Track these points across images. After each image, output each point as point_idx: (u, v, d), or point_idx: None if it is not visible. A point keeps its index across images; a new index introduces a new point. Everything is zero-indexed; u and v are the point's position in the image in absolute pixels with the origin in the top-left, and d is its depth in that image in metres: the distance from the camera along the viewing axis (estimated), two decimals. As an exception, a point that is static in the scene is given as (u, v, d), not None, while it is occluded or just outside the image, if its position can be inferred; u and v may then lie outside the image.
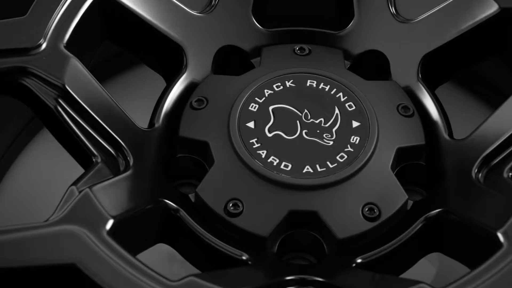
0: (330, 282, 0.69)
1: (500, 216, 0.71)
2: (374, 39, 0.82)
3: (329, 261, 0.74)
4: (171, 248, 0.76)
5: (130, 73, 1.02)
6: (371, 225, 0.73)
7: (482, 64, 0.84)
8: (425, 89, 0.80)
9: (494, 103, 0.94)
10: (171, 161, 0.77)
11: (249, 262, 0.71)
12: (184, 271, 0.70)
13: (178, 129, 0.77)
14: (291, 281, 0.68)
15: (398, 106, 0.79)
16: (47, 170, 0.98)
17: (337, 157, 0.75)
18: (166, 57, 0.81)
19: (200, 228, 0.72)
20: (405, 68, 0.81)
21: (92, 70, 0.81)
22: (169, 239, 0.75)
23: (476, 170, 0.75)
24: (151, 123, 0.78)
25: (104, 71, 1.00)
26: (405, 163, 0.77)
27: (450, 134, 0.79)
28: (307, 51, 0.82)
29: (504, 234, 0.69)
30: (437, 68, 0.82)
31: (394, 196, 0.74)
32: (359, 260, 0.71)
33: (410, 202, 0.76)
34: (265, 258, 0.73)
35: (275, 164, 0.74)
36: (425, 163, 0.77)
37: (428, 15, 0.81)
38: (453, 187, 0.76)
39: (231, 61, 0.83)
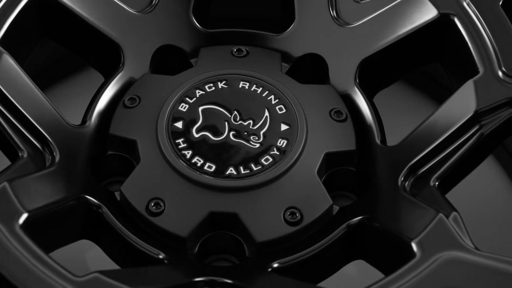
0: (240, 284, 0.69)
1: (418, 225, 0.71)
2: (313, 42, 0.81)
3: (247, 264, 0.73)
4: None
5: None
6: (292, 229, 0.72)
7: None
8: (362, 94, 0.79)
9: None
10: (101, 158, 0.78)
11: (165, 261, 0.72)
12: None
13: (109, 127, 0.78)
14: (199, 282, 0.68)
15: (331, 110, 0.78)
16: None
17: (262, 160, 0.74)
18: (104, 55, 0.82)
19: (119, 225, 0.73)
20: (343, 72, 0.80)
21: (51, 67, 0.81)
22: (92, 235, 0.75)
23: (402, 178, 0.74)
24: (84, 120, 0.78)
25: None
26: (336, 168, 0.77)
27: (383, 140, 0.78)
28: (244, 53, 0.82)
29: (418, 244, 0.68)
30: (375, 73, 0.81)
31: (318, 201, 0.74)
32: (275, 265, 0.71)
33: (336, 208, 0.78)
34: (184, 258, 0.74)
35: (199, 164, 0.74)
36: (355, 169, 0.78)
37: (367, 19, 0.80)
38: (379, 195, 0.75)
39: (170, 61, 0.83)
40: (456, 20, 0.78)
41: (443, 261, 0.66)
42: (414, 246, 0.68)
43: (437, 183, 0.73)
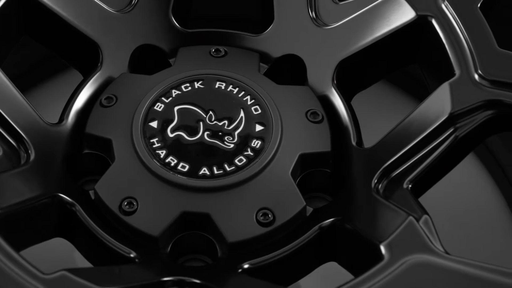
0: (208, 284, 0.69)
1: (388, 228, 0.70)
2: (292, 43, 0.81)
3: (218, 265, 0.74)
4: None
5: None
6: (264, 230, 0.72)
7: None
8: (339, 96, 0.79)
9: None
10: (77, 157, 0.78)
11: (136, 260, 0.72)
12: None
13: (85, 125, 0.78)
14: (168, 281, 0.68)
15: (307, 111, 0.78)
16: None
17: (236, 161, 0.74)
18: (83, 54, 0.82)
19: (92, 223, 0.73)
20: (321, 73, 0.80)
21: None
22: (66, 234, 0.75)
23: (376, 181, 0.73)
24: (61, 119, 0.79)
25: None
26: (311, 170, 0.77)
27: (359, 142, 0.78)
28: (222, 53, 0.82)
29: (386, 246, 0.68)
30: (353, 75, 0.81)
31: (291, 203, 0.73)
32: (246, 265, 0.71)
33: (310, 209, 0.77)
34: (156, 257, 0.74)
35: (172, 164, 0.74)
36: (330, 171, 0.78)
37: (345, 21, 0.80)
38: (352, 197, 0.75)
39: (150, 61, 0.83)
40: (433, 21, 0.77)
41: (411, 264, 0.66)
42: (382, 248, 0.67)
43: (410, 185, 0.73)
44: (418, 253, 0.67)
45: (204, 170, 0.74)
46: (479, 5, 0.78)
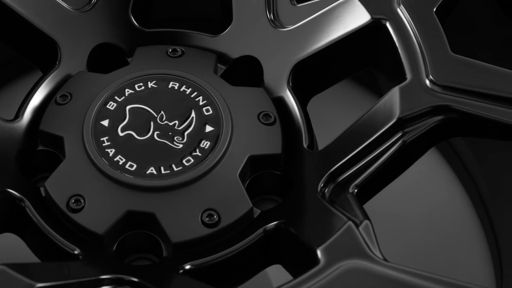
0: (146, 284, 0.69)
1: (327, 232, 0.70)
2: (249, 44, 0.81)
3: (162, 264, 0.74)
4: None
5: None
6: (208, 231, 0.72)
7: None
8: (293, 98, 0.79)
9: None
10: (31, 154, 0.78)
11: (80, 257, 0.73)
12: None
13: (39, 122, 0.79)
14: (106, 279, 0.69)
15: (259, 113, 0.77)
16: None
17: (184, 161, 0.75)
18: (42, 52, 0.82)
19: (40, 219, 0.73)
20: (277, 75, 0.80)
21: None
22: (16, 229, 0.76)
23: (322, 185, 0.73)
24: (16, 115, 0.79)
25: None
26: (261, 172, 0.76)
27: (310, 144, 0.77)
28: (179, 53, 0.82)
29: (323, 251, 0.68)
30: (309, 78, 0.81)
31: (237, 204, 0.73)
32: (188, 266, 0.71)
33: (258, 211, 0.77)
34: (100, 255, 0.74)
35: (120, 163, 0.74)
36: (281, 173, 0.77)
37: (302, 23, 0.80)
38: (298, 200, 0.75)
39: (109, 59, 0.83)
40: (388, 25, 0.77)
41: (345, 269, 0.66)
42: (319, 253, 0.67)
43: (356, 190, 0.73)
44: (354, 258, 0.67)
45: (152, 170, 0.74)
46: (434, 9, 0.78)
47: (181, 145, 0.76)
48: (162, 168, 0.74)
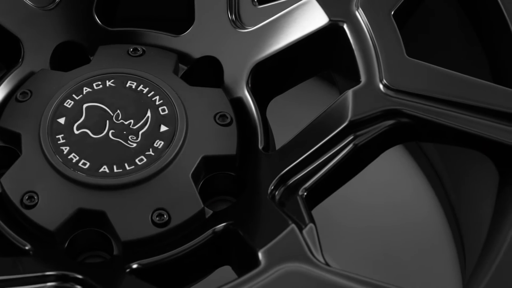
0: (89, 282, 0.70)
1: (270, 235, 0.70)
2: (210, 45, 0.81)
3: (110, 263, 0.74)
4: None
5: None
6: (158, 230, 0.73)
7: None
8: (252, 99, 0.79)
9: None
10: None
11: (31, 253, 0.73)
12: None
13: (-1, 119, 0.81)
14: (51, 276, 0.70)
15: (216, 114, 0.78)
16: None
17: (137, 160, 0.75)
18: (5, 49, 0.83)
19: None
20: (236, 76, 0.80)
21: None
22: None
23: (272, 187, 0.73)
24: (-23, 112, 0.83)
25: None
26: (216, 172, 0.77)
27: (265, 146, 0.77)
28: (140, 52, 0.82)
29: (263, 253, 0.67)
30: (268, 79, 0.81)
31: (188, 204, 0.73)
32: (135, 265, 0.71)
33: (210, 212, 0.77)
34: (51, 252, 0.75)
35: (74, 161, 0.75)
36: (235, 174, 0.77)
37: (262, 25, 0.79)
38: (248, 202, 0.75)
39: (72, 58, 0.83)
40: (345, 27, 0.77)
41: (283, 272, 0.66)
42: (260, 255, 0.67)
43: (305, 193, 0.72)
44: (293, 261, 0.67)
45: (104, 168, 0.75)
46: (392, 12, 0.78)
47: (135, 144, 0.76)
48: (115, 166, 0.75)
